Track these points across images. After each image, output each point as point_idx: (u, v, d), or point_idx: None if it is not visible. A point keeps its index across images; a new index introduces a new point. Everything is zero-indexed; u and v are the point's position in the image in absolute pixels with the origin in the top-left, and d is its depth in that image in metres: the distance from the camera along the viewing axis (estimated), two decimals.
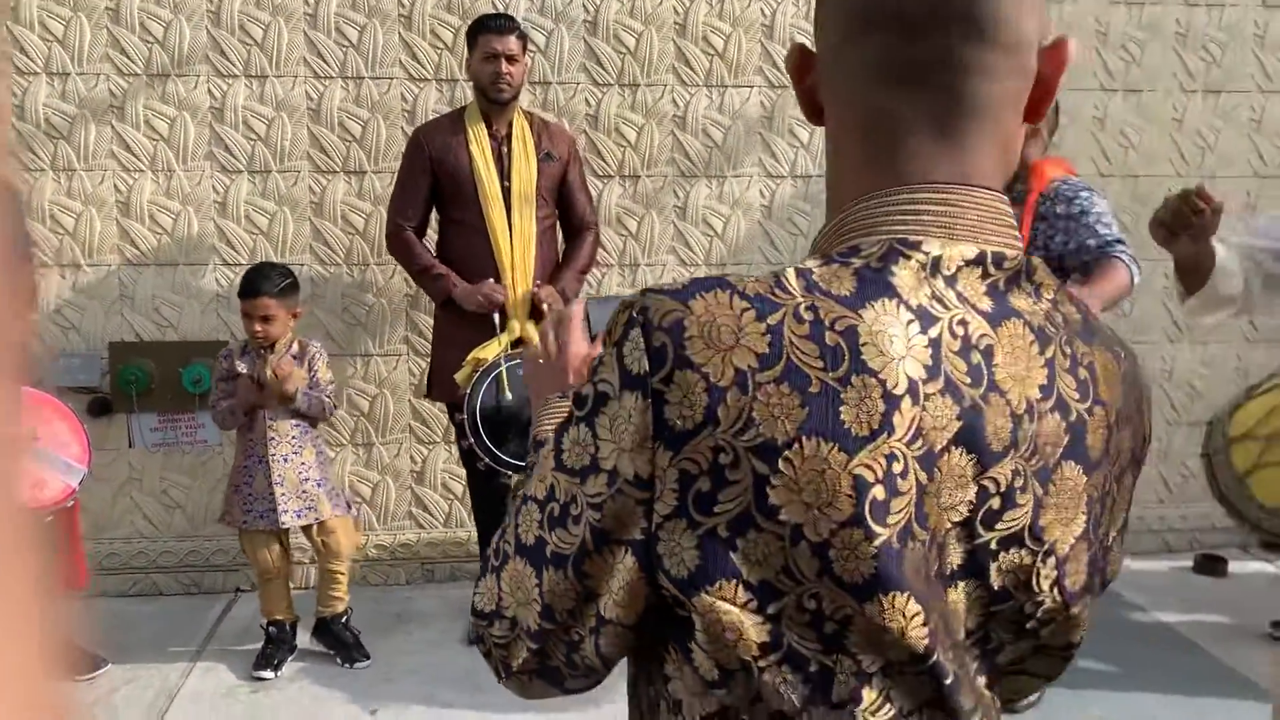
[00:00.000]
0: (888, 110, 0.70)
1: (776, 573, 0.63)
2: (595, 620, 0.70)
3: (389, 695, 3.05)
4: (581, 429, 0.68)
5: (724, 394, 0.62)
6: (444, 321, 3.36)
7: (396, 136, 3.72)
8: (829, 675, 0.65)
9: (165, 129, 3.65)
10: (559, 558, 0.70)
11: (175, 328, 3.72)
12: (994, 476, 0.67)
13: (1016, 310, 0.69)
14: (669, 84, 3.86)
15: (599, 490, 0.67)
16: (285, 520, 3.11)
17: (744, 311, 0.64)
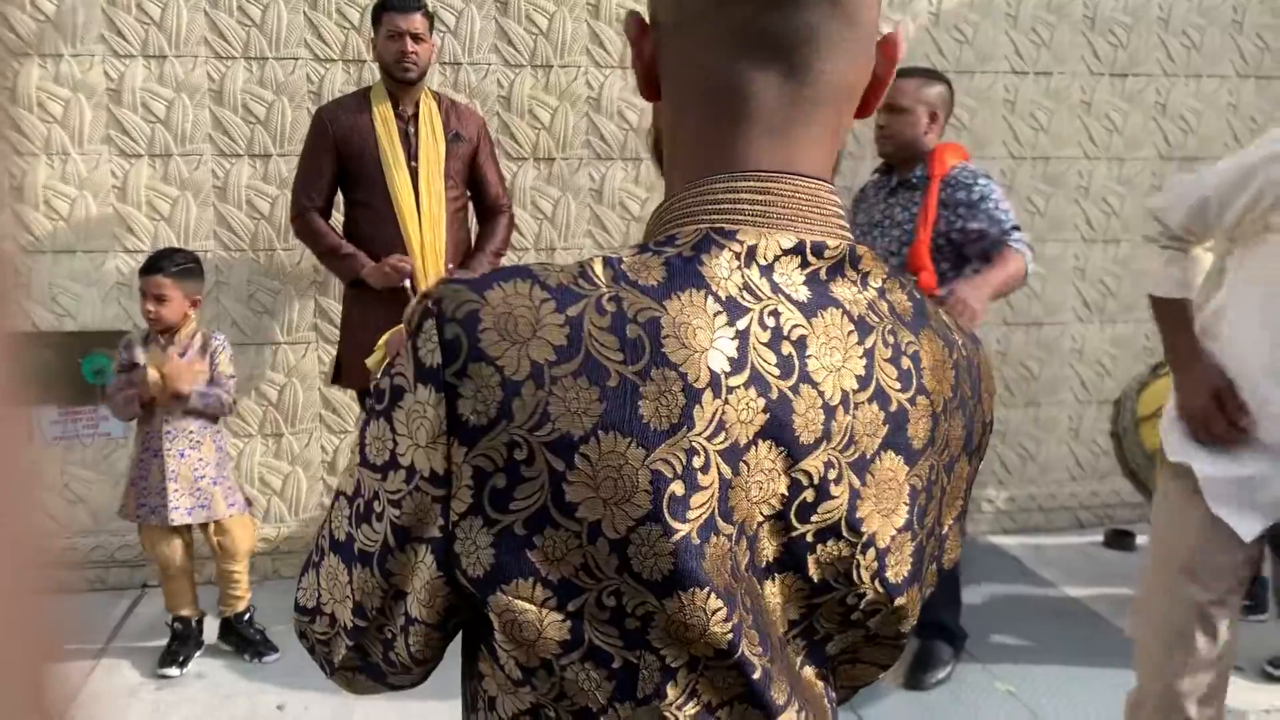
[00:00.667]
0: (732, 88, 0.67)
1: (575, 570, 0.61)
2: (404, 619, 0.68)
3: (297, 688, 3.00)
4: (381, 423, 0.65)
5: (519, 388, 0.60)
6: (353, 305, 3.29)
7: (302, 118, 3.63)
8: (633, 671, 0.63)
9: (60, 111, 3.52)
10: (365, 555, 0.67)
11: (74, 317, 3.59)
12: (806, 469, 0.65)
13: (836, 300, 0.68)
14: (582, 65, 3.82)
15: (398, 487, 0.64)
16: (175, 518, 3.03)
17: (543, 302, 0.62)
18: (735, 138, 0.68)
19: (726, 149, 0.68)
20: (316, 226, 3.23)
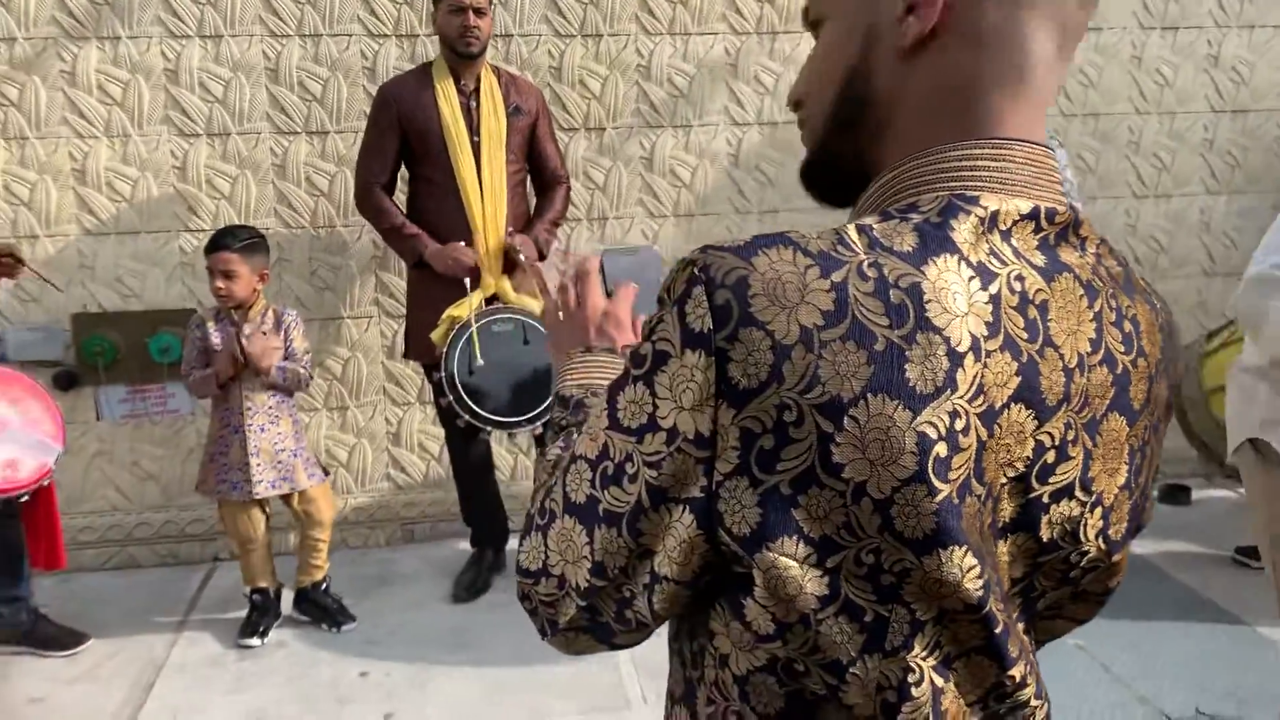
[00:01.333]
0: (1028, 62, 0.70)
1: (837, 528, 0.64)
2: (649, 577, 0.70)
3: (376, 656, 3.07)
4: (639, 388, 0.68)
5: (789, 351, 0.62)
6: (417, 281, 3.33)
7: (358, 95, 3.65)
8: (883, 624, 0.66)
9: (119, 93, 3.55)
10: (613, 516, 0.70)
11: (139, 297, 3.64)
12: (1049, 431, 0.68)
13: (1067, 265, 0.70)
14: (632, 33, 3.81)
15: (657, 449, 0.67)
16: (260, 491, 3.09)
17: (808, 268, 0.64)
18: (998, 106, 0.70)
19: (978, 115, 0.70)
20: (381, 204, 3.26)
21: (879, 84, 0.73)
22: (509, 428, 3.16)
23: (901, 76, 0.72)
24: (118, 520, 3.73)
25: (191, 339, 3.15)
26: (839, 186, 0.81)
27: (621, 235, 3.92)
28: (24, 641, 3.13)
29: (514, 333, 3.16)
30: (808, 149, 0.82)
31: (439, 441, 3.87)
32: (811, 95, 0.79)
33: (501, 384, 3.14)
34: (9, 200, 3.51)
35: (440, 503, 3.91)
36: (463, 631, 3.21)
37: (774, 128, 3.94)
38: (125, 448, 3.71)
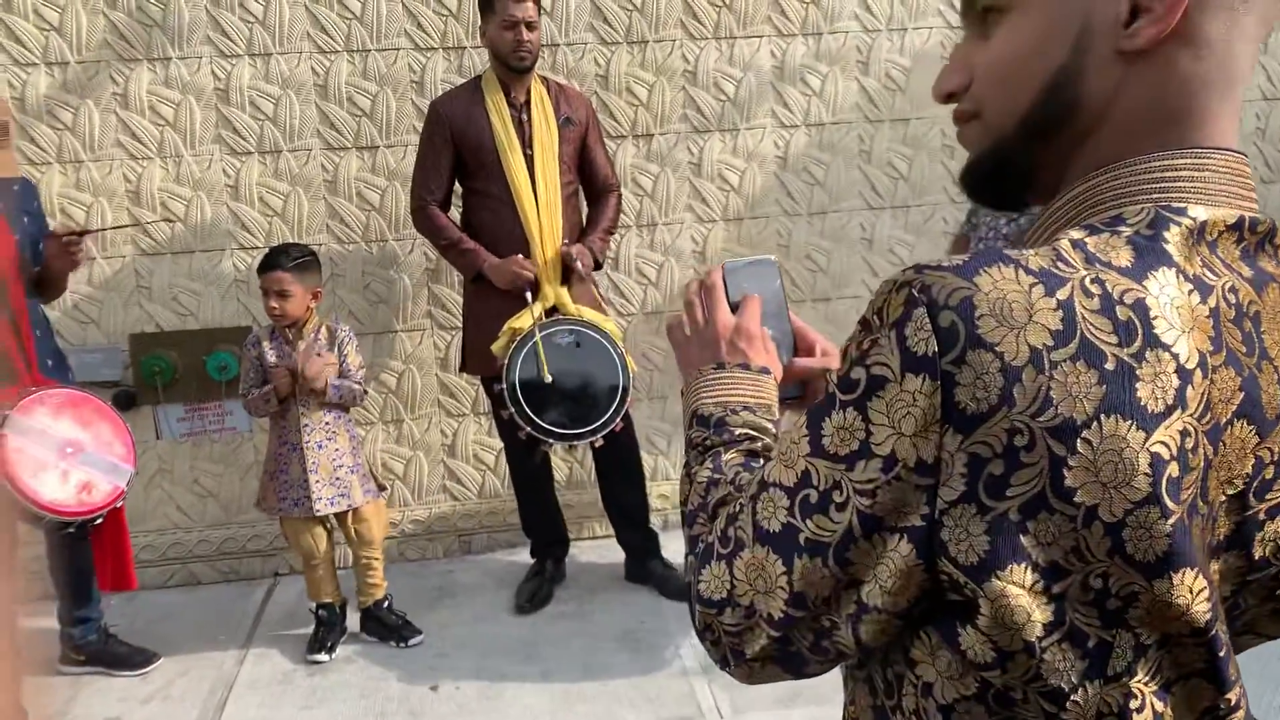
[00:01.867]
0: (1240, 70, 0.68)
1: (1065, 554, 0.63)
2: (855, 607, 0.69)
3: (446, 669, 3.07)
4: (849, 413, 0.66)
5: (1019, 373, 0.61)
6: (475, 295, 3.33)
7: (406, 108, 3.66)
8: (1107, 650, 0.65)
9: (170, 114, 3.57)
10: (816, 545, 0.68)
11: (196, 316, 3.67)
12: (1269, 446, 0.66)
13: (1270, 275, 0.69)
14: (678, 39, 3.80)
15: (871, 476, 0.65)
16: (319, 508, 3.09)
17: (1032, 286, 0.62)
18: (1209, 114, 0.68)
19: (1189, 124, 0.68)
20: (437, 220, 3.27)
21: (1091, 88, 0.70)
22: (571, 440, 3.16)
23: (1118, 81, 0.69)
24: (179, 538, 3.75)
25: (248, 358, 3.17)
26: (1005, 191, 0.79)
27: (671, 241, 3.91)
28: (95, 662, 3.15)
29: (574, 343, 3.16)
30: (976, 149, 0.77)
31: (494, 453, 3.88)
32: (991, 95, 0.75)
33: (561, 396, 3.13)
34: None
35: (497, 514, 3.91)
36: (529, 643, 3.20)
37: (821, 129, 3.92)
38: (185, 466, 3.73)
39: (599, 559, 3.78)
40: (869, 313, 0.67)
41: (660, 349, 3.94)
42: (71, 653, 3.15)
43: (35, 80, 3.49)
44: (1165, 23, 0.66)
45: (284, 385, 3.06)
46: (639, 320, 3.92)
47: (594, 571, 3.69)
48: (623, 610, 3.38)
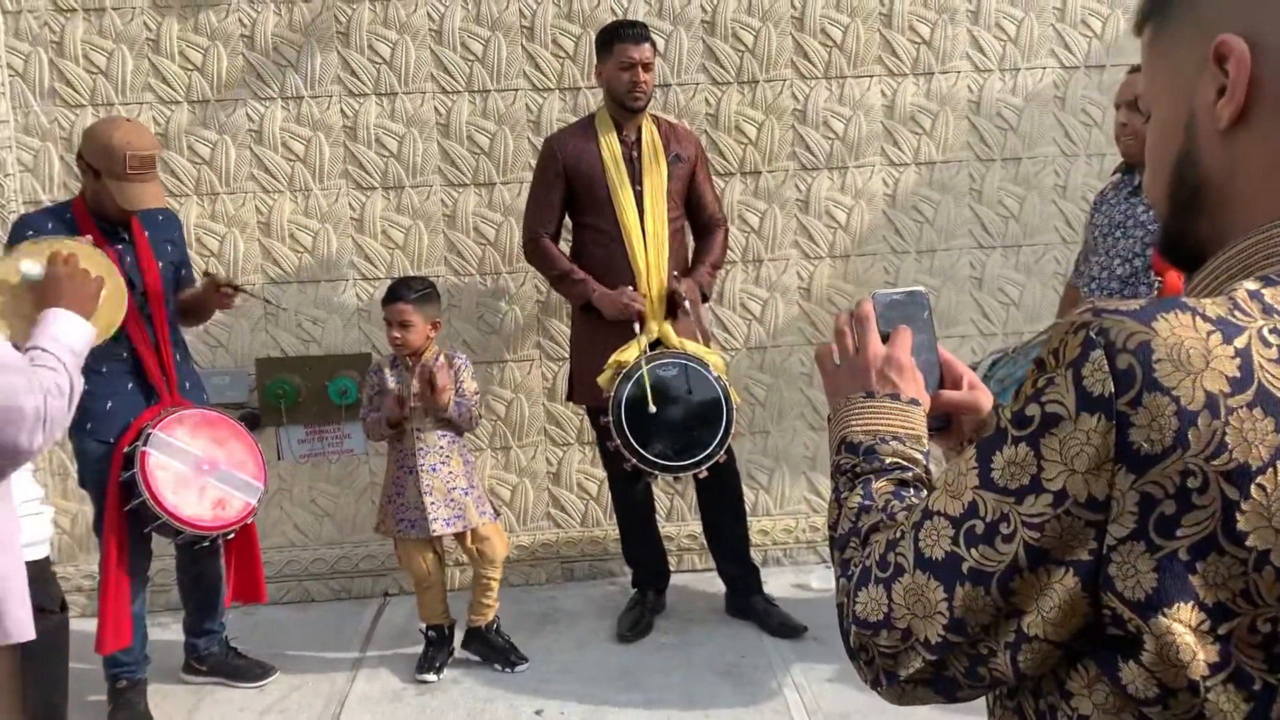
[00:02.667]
0: None
1: (1233, 595, 0.64)
2: (1015, 636, 0.71)
3: (550, 694, 3.12)
4: (1021, 449, 0.69)
5: (1194, 418, 0.63)
6: (583, 326, 3.41)
7: (523, 147, 3.78)
8: (1271, 692, 0.66)
9: (302, 150, 3.76)
10: (980, 574, 0.71)
11: (319, 342, 3.83)
12: None
13: None
14: (788, 79, 3.86)
15: (1040, 511, 0.68)
16: (436, 529, 3.19)
17: (1209, 334, 0.65)
18: None
19: None
20: (549, 252, 3.36)
21: (1209, 166, 0.76)
22: (675, 472, 3.20)
23: (1228, 156, 0.75)
24: (295, 556, 3.90)
25: (369, 384, 3.29)
26: (1194, 258, 0.83)
27: (776, 277, 3.95)
28: (216, 673, 3.29)
29: (678, 376, 3.21)
30: (1158, 224, 0.85)
31: (597, 482, 3.94)
32: (1150, 179, 0.83)
33: (666, 428, 3.18)
34: (201, 252, 3.74)
35: (599, 542, 3.97)
36: (631, 671, 3.24)
37: (931, 167, 3.93)
38: (304, 486, 3.88)
39: (700, 591, 3.81)
40: (1044, 352, 0.70)
41: (763, 384, 3.97)
42: (195, 663, 3.29)
43: (178, 117, 3.72)
44: (1237, 99, 0.72)
45: (394, 411, 3.16)
46: (742, 355, 3.95)
47: (694, 603, 3.72)
48: (724, 643, 3.40)
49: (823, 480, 4.03)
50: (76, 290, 1.81)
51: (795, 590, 3.81)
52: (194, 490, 2.83)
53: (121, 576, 2.87)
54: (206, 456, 2.88)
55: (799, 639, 3.38)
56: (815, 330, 3.96)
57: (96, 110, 3.66)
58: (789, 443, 4.00)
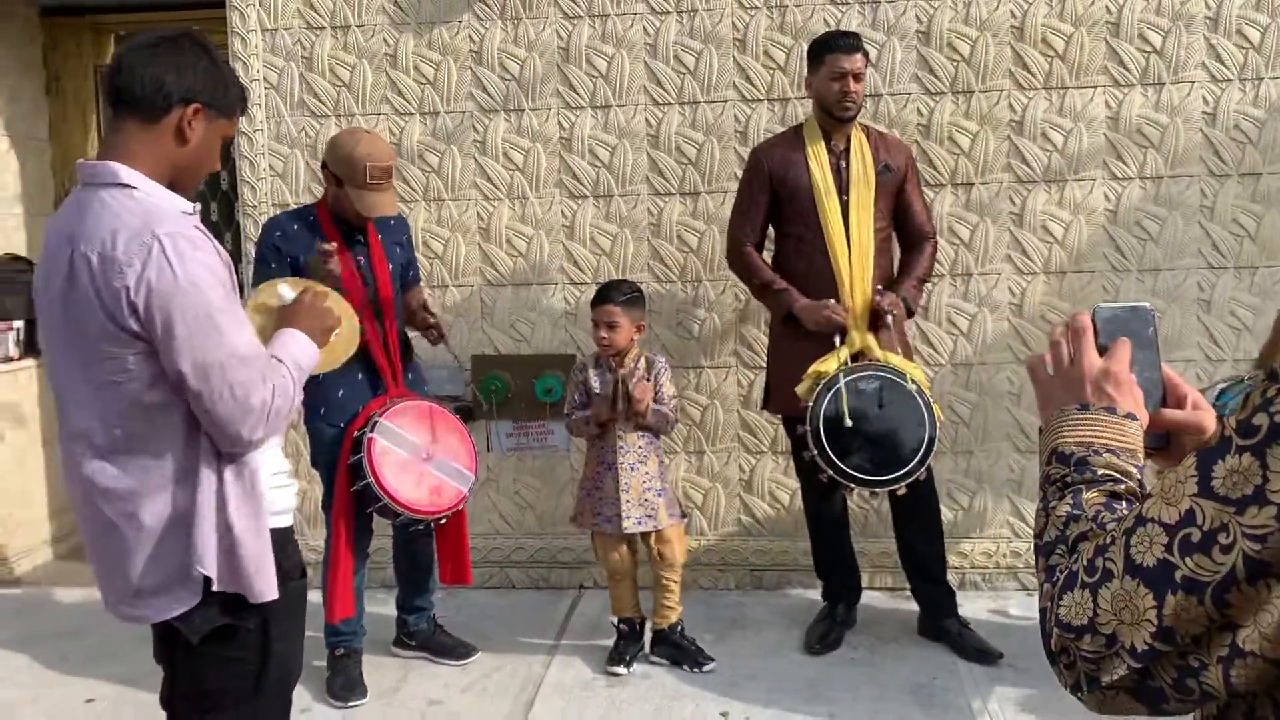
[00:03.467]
0: None
1: None
2: (1229, 650, 0.70)
3: (736, 698, 3.16)
4: (1245, 458, 0.69)
5: None
6: (783, 335, 3.43)
7: (730, 158, 3.84)
8: None
9: (521, 159, 3.96)
10: (1194, 584, 0.70)
11: (529, 342, 4.02)
12: None
13: None
14: (1005, 89, 3.75)
15: (1264, 523, 0.67)
16: (629, 526, 3.28)
17: None
18: None
19: None
20: (752, 261, 3.40)
21: None
22: (873, 486, 3.18)
23: None
24: (499, 544, 4.10)
25: (574, 383, 3.43)
26: None
27: (986, 292, 3.84)
28: (424, 648, 3.50)
29: (879, 389, 3.18)
30: None
31: (789, 492, 3.95)
32: None
33: (865, 441, 3.16)
34: (426, 254, 4.00)
35: (788, 552, 3.98)
36: (818, 683, 3.23)
37: (1158, 182, 3.72)
38: (509, 478, 4.08)
39: (890, 609, 3.76)
40: (1279, 363, 0.69)
41: (967, 402, 3.87)
42: (405, 637, 3.52)
43: (410, 128, 3.99)
44: None
45: (604, 411, 3.29)
46: (947, 371, 3.87)
47: (885, 621, 3.67)
48: (915, 663, 3.34)
49: (1027, 505, 3.89)
50: (315, 320, 1.97)
51: (992, 616, 3.69)
52: (413, 476, 3.03)
53: (347, 552, 3.11)
54: (426, 445, 3.08)
55: (994, 665, 3.28)
56: (1025, 348, 3.83)
57: (339, 120, 3.99)
58: (993, 464, 3.89)
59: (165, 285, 1.63)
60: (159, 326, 1.64)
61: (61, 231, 1.72)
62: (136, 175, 1.71)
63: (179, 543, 1.73)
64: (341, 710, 3.14)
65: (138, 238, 1.63)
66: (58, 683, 3.42)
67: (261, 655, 1.84)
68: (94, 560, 1.83)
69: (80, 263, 1.66)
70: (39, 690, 3.36)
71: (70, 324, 1.70)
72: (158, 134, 1.75)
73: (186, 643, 1.80)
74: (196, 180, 1.84)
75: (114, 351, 1.67)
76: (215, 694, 1.85)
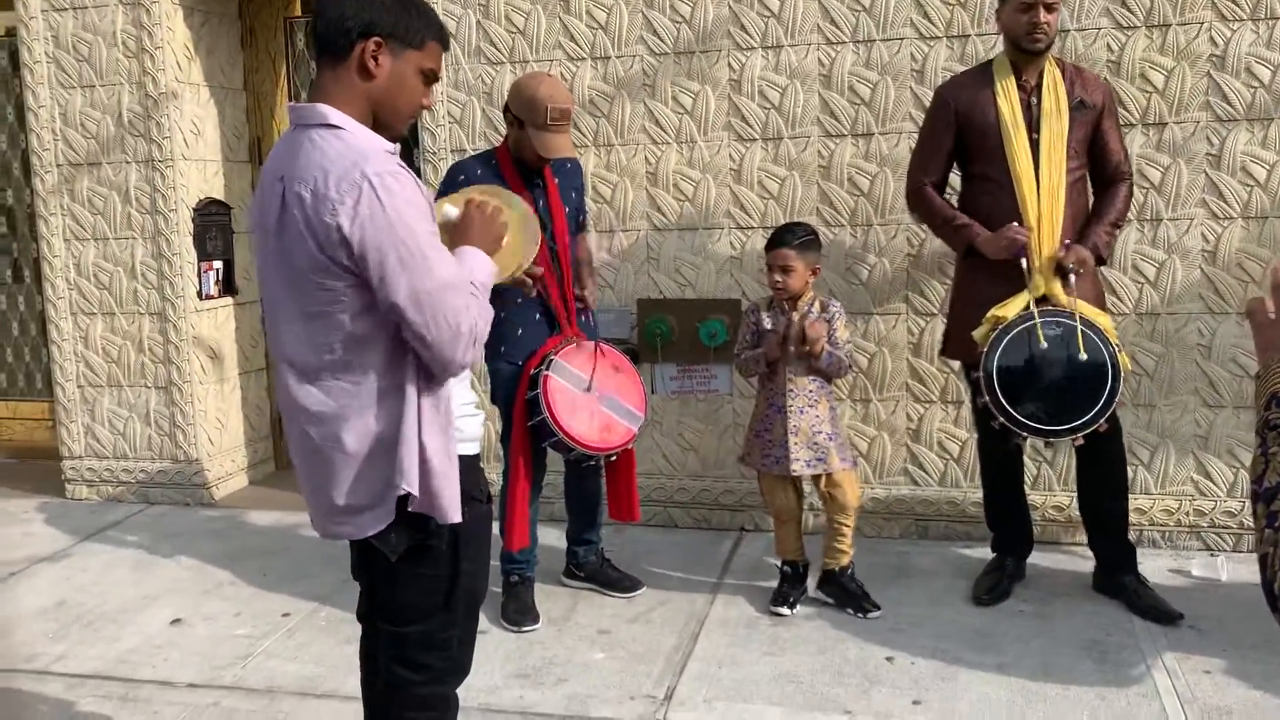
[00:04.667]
0: None
1: None
2: None
3: (900, 644, 3.15)
4: None
5: None
6: (965, 276, 3.34)
7: (905, 97, 3.75)
8: None
9: (689, 103, 3.96)
10: None
11: (693, 286, 4.05)
12: None
13: None
14: (1206, 21, 3.52)
15: None
16: (795, 468, 3.29)
17: None
18: None
19: None
20: (932, 200, 3.32)
21: None
22: (1048, 435, 3.08)
23: None
24: (661, 484, 4.18)
25: (746, 323, 3.43)
26: None
27: (1176, 238, 3.65)
28: (592, 580, 3.62)
29: (1061, 337, 3.07)
30: None
31: (959, 443, 3.88)
32: None
33: (1041, 389, 3.06)
34: (595, 199, 4.06)
35: (956, 504, 3.91)
36: (986, 634, 3.19)
37: None
38: (673, 420, 4.14)
39: (1061, 565, 3.66)
40: None
41: (1152, 354, 3.70)
42: (574, 569, 3.65)
43: (582, 73, 4.04)
44: None
45: (774, 349, 3.29)
46: (1131, 321, 3.70)
47: (1055, 576, 3.58)
48: (1087, 619, 3.25)
49: (1214, 462, 3.70)
50: (482, 230, 2.00)
51: (1172, 575, 3.55)
52: (585, 413, 3.12)
53: (525, 485, 3.24)
54: (598, 384, 3.16)
55: (1174, 626, 3.16)
56: (1218, 299, 3.63)
57: (514, 67, 4.07)
58: (1178, 419, 3.71)
59: (377, 223, 1.69)
60: (372, 262, 1.71)
61: (274, 171, 1.81)
62: (342, 116, 1.77)
63: (380, 464, 1.82)
64: (516, 634, 3.29)
65: (348, 177, 1.69)
66: (258, 598, 3.70)
67: (451, 572, 1.94)
68: (303, 479, 1.94)
69: (293, 200, 1.73)
70: (241, 605, 3.65)
71: (284, 257, 1.78)
72: (347, 71, 1.78)
73: (384, 560, 1.90)
74: (398, 117, 1.86)
75: (325, 283, 1.75)
76: (409, 607, 1.96)
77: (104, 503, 4.83)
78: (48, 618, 3.60)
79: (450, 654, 2.01)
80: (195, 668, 3.18)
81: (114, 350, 4.74)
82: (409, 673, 1.98)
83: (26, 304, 5.52)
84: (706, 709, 2.83)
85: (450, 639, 2.00)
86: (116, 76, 4.55)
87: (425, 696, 2.00)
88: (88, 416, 4.81)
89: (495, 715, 2.85)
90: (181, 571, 3.97)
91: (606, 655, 3.16)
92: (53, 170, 4.69)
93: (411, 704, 2.00)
